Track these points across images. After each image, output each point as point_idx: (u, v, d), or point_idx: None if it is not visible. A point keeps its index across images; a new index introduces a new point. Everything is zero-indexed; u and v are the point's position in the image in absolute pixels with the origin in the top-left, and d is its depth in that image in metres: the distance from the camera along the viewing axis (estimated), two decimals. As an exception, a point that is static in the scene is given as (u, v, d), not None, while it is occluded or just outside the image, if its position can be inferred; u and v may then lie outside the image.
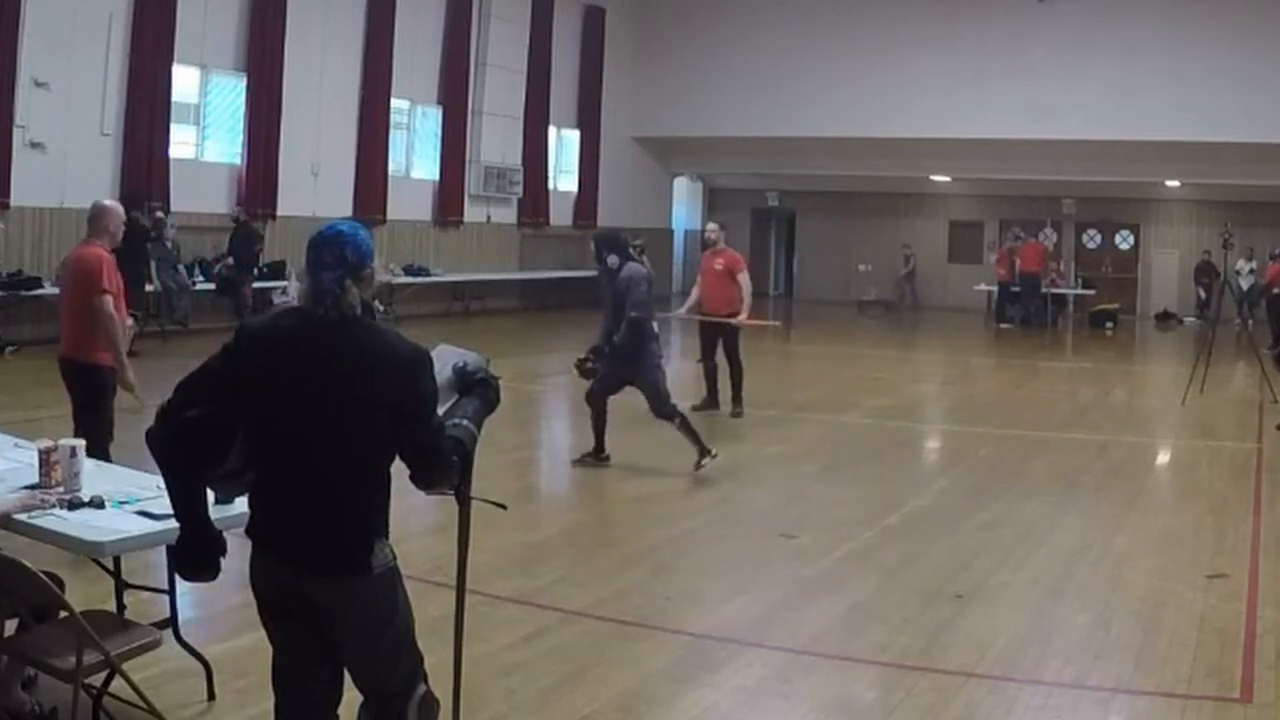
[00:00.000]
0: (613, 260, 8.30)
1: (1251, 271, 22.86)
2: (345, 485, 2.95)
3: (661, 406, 8.34)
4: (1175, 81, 20.01)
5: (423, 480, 3.05)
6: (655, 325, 8.44)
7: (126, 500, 4.06)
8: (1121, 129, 20.44)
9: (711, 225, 11.66)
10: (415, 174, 20.57)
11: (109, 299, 6.00)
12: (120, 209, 6.45)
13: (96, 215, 6.23)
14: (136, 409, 6.05)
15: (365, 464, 2.96)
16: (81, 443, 4.26)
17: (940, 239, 27.58)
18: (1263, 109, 19.52)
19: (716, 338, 11.14)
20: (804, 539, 6.90)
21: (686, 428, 8.37)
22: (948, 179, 25.73)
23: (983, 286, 24.00)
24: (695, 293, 11.41)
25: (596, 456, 8.68)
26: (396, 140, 19.83)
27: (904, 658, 4.96)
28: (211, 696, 4.24)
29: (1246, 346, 16.41)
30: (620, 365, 8.35)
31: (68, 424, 6.00)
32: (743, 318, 11.07)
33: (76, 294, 6.08)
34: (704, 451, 8.30)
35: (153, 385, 5.87)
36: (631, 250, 8.66)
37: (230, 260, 15.57)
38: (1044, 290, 22.36)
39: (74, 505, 4.00)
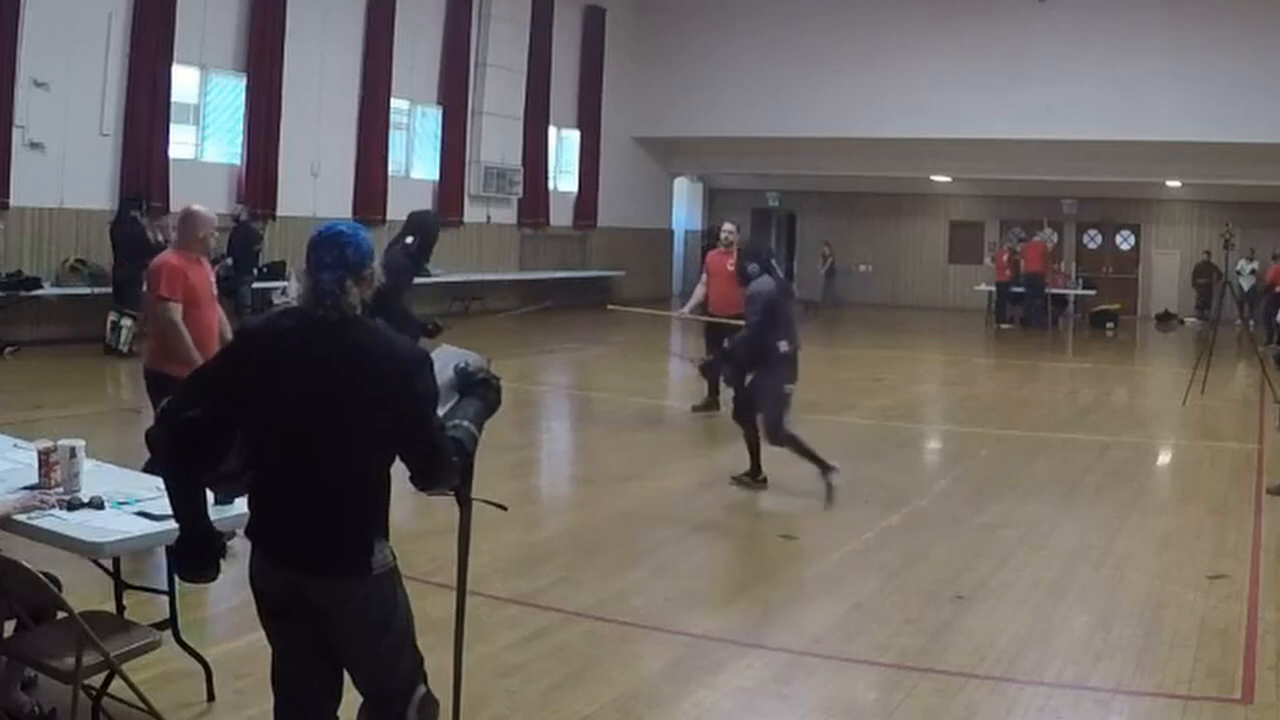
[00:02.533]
0: (752, 269, 8.05)
1: (1253, 272, 22.86)
2: (345, 486, 2.94)
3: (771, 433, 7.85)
4: (1176, 81, 20.01)
5: (423, 481, 3.04)
6: (785, 345, 7.87)
7: (126, 501, 4.06)
8: (1122, 129, 20.43)
9: (728, 226, 11.64)
10: (415, 174, 20.56)
11: (169, 306, 5.72)
12: (208, 214, 6.08)
13: (186, 222, 5.98)
14: (135, 409, 6.04)
15: (365, 465, 2.95)
16: (81, 443, 4.25)
17: (940, 239, 27.59)
18: (1264, 109, 19.51)
19: (722, 338, 11.12)
20: (804, 540, 6.90)
21: (801, 449, 7.86)
22: (948, 179, 25.74)
23: (983, 287, 24.01)
24: (699, 292, 11.37)
25: (754, 478, 8.17)
26: (396, 140, 19.82)
27: (904, 659, 4.96)
28: (211, 697, 4.24)
29: (1247, 347, 16.41)
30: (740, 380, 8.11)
31: (67, 424, 5.99)
32: None
33: (149, 303, 5.90)
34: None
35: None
36: (773, 262, 8.24)
37: (230, 260, 15.55)
38: (1046, 290, 22.36)
39: (73, 506, 3.99)
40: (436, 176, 20.68)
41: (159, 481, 3.27)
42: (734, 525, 7.45)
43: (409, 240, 8.52)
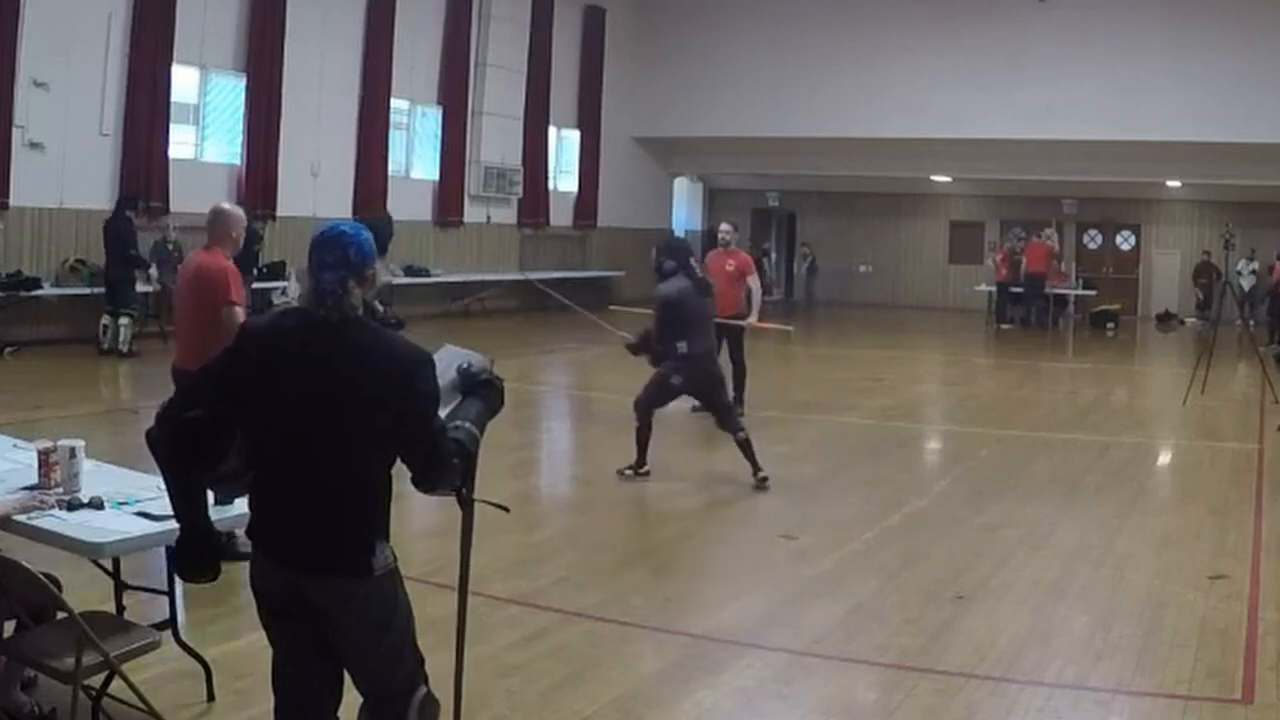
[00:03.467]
0: (667, 266, 8.06)
1: (1253, 272, 22.85)
2: (346, 486, 2.94)
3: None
4: (1176, 81, 20.01)
5: (424, 482, 3.04)
6: (684, 346, 7.94)
7: (126, 501, 4.06)
8: (1122, 129, 20.43)
9: (725, 226, 11.66)
10: (415, 174, 20.57)
11: (239, 310, 5.76)
12: (241, 213, 6.11)
13: (216, 220, 5.92)
14: (134, 409, 6.04)
15: (366, 465, 2.95)
16: (81, 443, 4.25)
17: (941, 239, 27.59)
18: (1264, 109, 19.51)
19: (722, 339, 11.13)
20: (804, 540, 6.89)
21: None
22: (948, 179, 25.74)
23: (983, 287, 24.01)
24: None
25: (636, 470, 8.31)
26: (396, 140, 19.82)
27: (905, 659, 4.95)
28: (211, 698, 4.23)
29: (1247, 347, 16.41)
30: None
31: (66, 425, 5.99)
32: (753, 320, 11.07)
33: (202, 305, 5.81)
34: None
35: (152, 386, 5.86)
36: (692, 261, 8.25)
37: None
38: (1048, 291, 22.36)
39: (73, 506, 3.99)
40: (436, 176, 20.68)
41: (159, 482, 3.26)
42: (734, 525, 7.44)
43: None
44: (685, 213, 28.75)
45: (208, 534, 3.11)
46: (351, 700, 3.12)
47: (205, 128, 16.70)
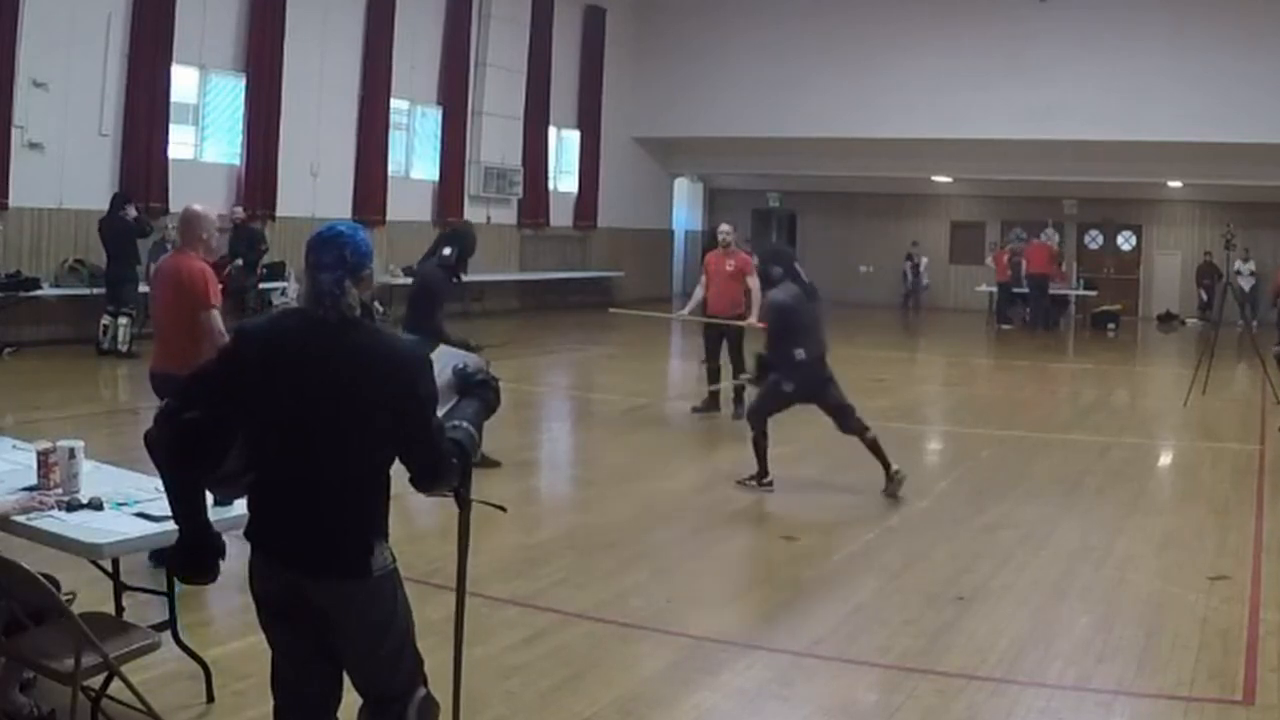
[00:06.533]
0: (775, 273, 8.03)
1: (1252, 273, 22.83)
2: (345, 487, 2.93)
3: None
4: (1177, 82, 19.99)
5: (423, 482, 3.03)
6: (801, 353, 7.81)
7: (125, 502, 4.05)
8: (1123, 129, 20.42)
9: (724, 226, 11.65)
10: (415, 174, 20.54)
11: (217, 314, 5.71)
12: (213, 214, 6.01)
13: (188, 223, 5.82)
14: (134, 409, 6.02)
15: (365, 466, 2.94)
16: (80, 444, 4.24)
17: (942, 240, 27.58)
18: (1265, 109, 19.49)
19: (721, 339, 11.14)
20: (805, 541, 6.89)
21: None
22: (949, 180, 25.73)
23: (984, 287, 23.98)
24: (699, 293, 11.40)
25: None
26: (396, 140, 19.80)
27: (905, 660, 4.95)
28: (211, 699, 4.23)
29: (1248, 347, 16.39)
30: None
31: (65, 425, 5.98)
32: (752, 320, 11.06)
33: (180, 309, 5.74)
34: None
35: (151, 387, 5.85)
36: (797, 266, 8.17)
37: (239, 263, 15.54)
38: (1051, 291, 22.34)
39: (72, 507, 3.99)
40: (436, 177, 20.66)
41: (158, 483, 3.25)
42: (735, 526, 7.44)
43: (446, 252, 8.25)
44: (685, 213, 28.75)
45: (206, 535, 3.10)
46: (351, 701, 3.11)
47: (205, 128, 16.68)
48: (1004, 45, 21.51)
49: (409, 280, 18.90)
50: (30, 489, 4.13)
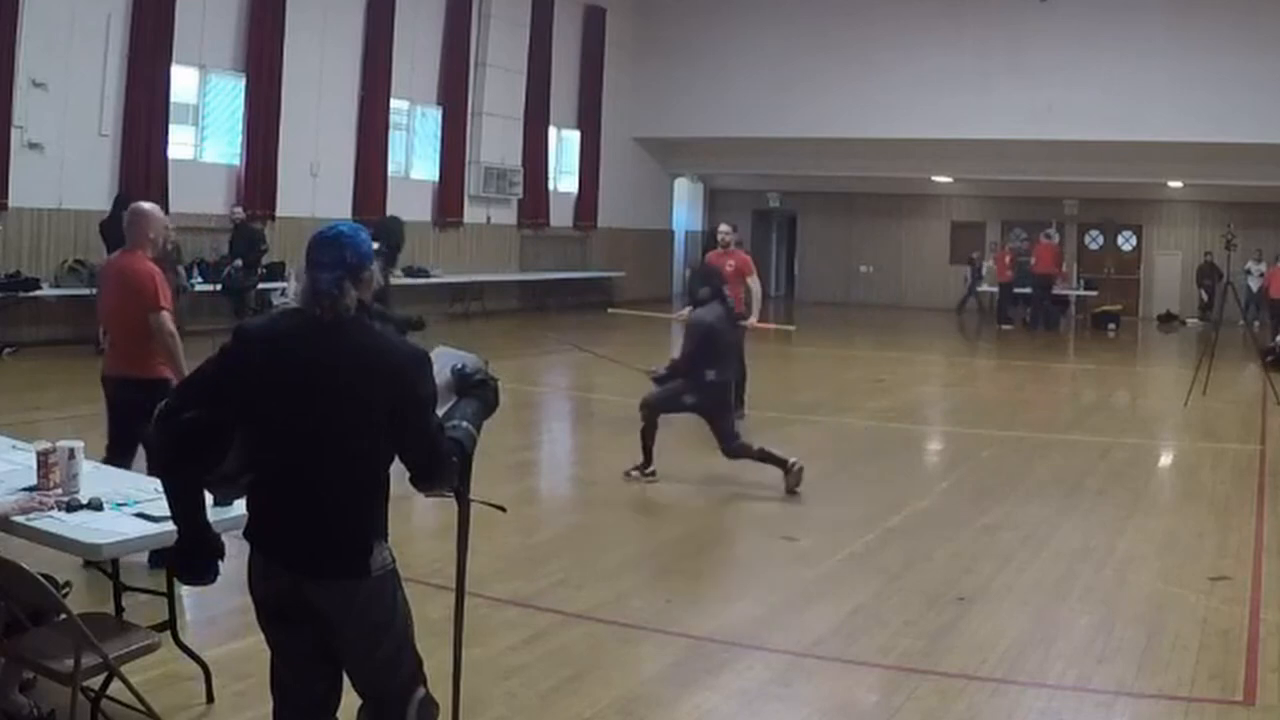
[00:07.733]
0: (703, 293, 8.03)
1: (1261, 274, 22.79)
2: (344, 487, 2.93)
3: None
4: (1178, 82, 20.00)
5: (422, 482, 3.03)
6: (712, 375, 7.89)
7: (125, 502, 4.05)
8: (1124, 129, 20.42)
9: (724, 227, 11.64)
10: (415, 174, 20.55)
11: (167, 315, 5.61)
12: (160, 213, 5.90)
13: (135, 222, 5.71)
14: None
15: (364, 466, 2.94)
16: (80, 444, 4.24)
17: (942, 240, 27.58)
18: (1266, 109, 19.50)
19: None
20: (805, 541, 6.88)
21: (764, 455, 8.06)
22: (949, 180, 25.73)
23: (985, 288, 23.96)
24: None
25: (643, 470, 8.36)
26: (396, 141, 19.81)
27: (906, 660, 4.94)
28: (210, 699, 4.22)
29: (1249, 348, 16.39)
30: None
31: (65, 426, 5.96)
32: (752, 320, 11.06)
33: (128, 311, 5.66)
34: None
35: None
36: (725, 290, 8.24)
37: (239, 263, 15.54)
38: (1054, 291, 22.33)
39: (72, 507, 3.98)
40: (436, 177, 20.66)
41: (158, 483, 3.25)
42: (735, 527, 7.43)
43: (374, 247, 8.31)
44: (685, 213, 28.75)
45: (206, 536, 3.09)
46: (351, 701, 3.11)
47: (204, 128, 16.68)
48: (1004, 45, 21.52)
49: (409, 280, 19.07)
50: (30, 489, 4.13)
